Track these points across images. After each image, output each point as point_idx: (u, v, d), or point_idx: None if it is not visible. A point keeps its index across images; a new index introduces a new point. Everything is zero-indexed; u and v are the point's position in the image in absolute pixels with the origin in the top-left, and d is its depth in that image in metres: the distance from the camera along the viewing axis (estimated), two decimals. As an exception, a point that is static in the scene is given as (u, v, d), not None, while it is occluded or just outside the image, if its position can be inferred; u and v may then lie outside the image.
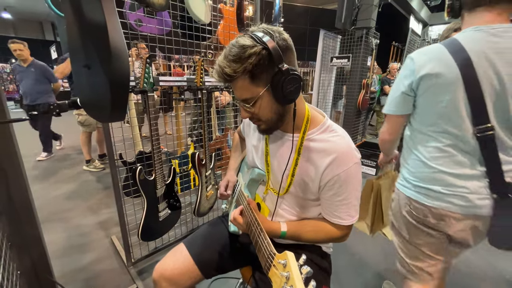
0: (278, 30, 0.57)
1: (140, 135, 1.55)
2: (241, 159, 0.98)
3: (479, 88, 0.64)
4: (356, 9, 3.14)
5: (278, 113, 0.61)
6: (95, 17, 0.38)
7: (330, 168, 0.62)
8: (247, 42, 0.54)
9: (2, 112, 0.68)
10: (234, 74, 0.54)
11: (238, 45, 0.54)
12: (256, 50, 0.53)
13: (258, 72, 0.55)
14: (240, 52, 0.53)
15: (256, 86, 0.57)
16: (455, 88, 0.66)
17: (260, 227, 0.59)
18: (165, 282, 0.74)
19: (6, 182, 0.73)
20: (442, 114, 0.70)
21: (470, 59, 0.64)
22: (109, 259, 1.50)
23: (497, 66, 0.63)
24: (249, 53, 0.53)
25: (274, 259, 0.49)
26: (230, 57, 0.54)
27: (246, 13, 1.68)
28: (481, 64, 0.64)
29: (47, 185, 2.51)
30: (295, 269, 0.42)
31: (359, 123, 4.02)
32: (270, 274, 0.50)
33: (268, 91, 0.57)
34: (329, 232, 0.67)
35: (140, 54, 2.67)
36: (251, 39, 0.54)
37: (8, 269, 0.66)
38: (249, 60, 0.53)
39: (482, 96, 0.65)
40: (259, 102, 0.59)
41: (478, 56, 0.64)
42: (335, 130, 0.65)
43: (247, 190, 0.79)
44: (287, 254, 0.45)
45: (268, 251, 0.52)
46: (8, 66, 9.71)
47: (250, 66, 0.53)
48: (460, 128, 0.68)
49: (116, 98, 0.41)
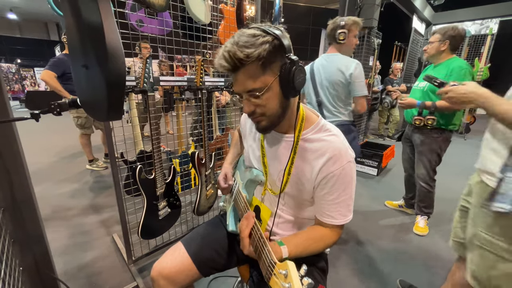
0: (282, 27, 0.58)
1: (142, 134, 1.56)
2: (239, 155, 0.99)
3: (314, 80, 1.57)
4: (358, 9, 3.13)
5: (282, 106, 0.60)
6: (92, 17, 0.39)
7: (325, 167, 0.62)
8: (257, 32, 0.54)
9: (5, 111, 0.70)
10: (246, 59, 0.53)
11: (247, 34, 0.54)
12: (268, 39, 0.53)
13: (270, 60, 0.54)
14: (252, 39, 0.53)
15: (266, 75, 0.56)
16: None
17: (260, 232, 0.58)
18: (163, 280, 0.75)
19: (9, 179, 0.75)
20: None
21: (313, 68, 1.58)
22: (110, 257, 1.52)
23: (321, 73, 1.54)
24: (262, 40, 0.53)
25: (275, 268, 0.49)
26: (241, 43, 0.53)
27: (246, 13, 1.69)
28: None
29: (50, 183, 2.55)
30: (296, 281, 0.41)
31: (361, 123, 4.00)
32: (271, 283, 0.49)
33: (276, 82, 0.57)
34: (326, 241, 0.66)
35: (142, 53, 2.70)
36: (260, 30, 0.55)
37: (11, 265, 0.68)
38: (263, 46, 0.53)
39: (316, 85, 1.57)
40: (267, 93, 0.57)
41: (316, 67, 1.57)
42: (330, 129, 0.66)
43: (245, 191, 0.80)
44: (288, 264, 0.45)
45: (269, 259, 0.51)
46: (13, 66, 9.83)
47: (264, 52, 0.53)
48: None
49: (113, 98, 0.42)
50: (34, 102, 4.90)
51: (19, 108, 8.13)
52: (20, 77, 10.01)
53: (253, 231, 0.61)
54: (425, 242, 1.74)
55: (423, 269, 1.49)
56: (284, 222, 0.76)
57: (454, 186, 2.57)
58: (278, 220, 0.76)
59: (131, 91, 1.14)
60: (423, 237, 1.79)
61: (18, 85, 9.96)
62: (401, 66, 4.34)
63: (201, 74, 1.37)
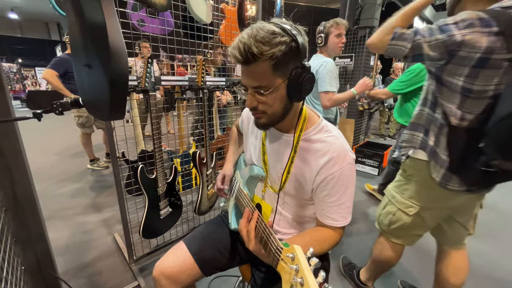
0: (303, 28, 0.57)
1: (143, 134, 1.56)
2: (238, 153, 0.99)
3: None
4: (359, 8, 3.12)
5: (285, 108, 0.60)
6: (95, 17, 0.39)
7: (324, 169, 0.62)
8: (277, 29, 0.53)
9: (7, 111, 0.70)
10: (260, 56, 0.52)
11: (266, 29, 0.52)
12: (286, 40, 0.52)
13: (283, 61, 0.53)
14: (270, 36, 0.52)
15: (275, 75, 0.55)
16: None
17: (265, 223, 0.58)
18: (165, 280, 0.75)
19: (11, 179, 0.75)
20: None
21: None
22: (112, 256, 1.53)
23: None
24: (279, 40, 0.52)
25: (282, 253, 0.49)
26: (259, 37, 0.52)
27: (248, 13, 1.69)
28: None
29: (52, 183, 2.55)
30: (303, 261, 0.42)
31: (362, 123, 3.99)
32: (279, 268, 0.50)
33: (284, 84, 0.56)
34: (330, 241, 0.65)
35: (142, 53, 2.69)
36: (280, 28, 0.53)
37: (13, 264, 0.68)
38: (279, 46, 0.52)
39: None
40: (273, 93, 0.57)
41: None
42: (330, 130, 0.66)
43: (246, 188, 0.80)
44: (295, 247, 0.45)
45: (275, 245, 0.51)
46: (14, 65, 9.85)
47: (279, 52, 0.52)
48: None
49: (116, 97, 0.41)
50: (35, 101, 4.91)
51: (20, 108, 8.16)
52: (21, 77, 10.03)
53: (258, 223, 0.61)
54: (426, 242, 1.73)
55: (423, 269, 1.48)
56: (284, 220, 0.76)
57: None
58: (278, 218, 0.76)
59: (133, 90, 1.15)
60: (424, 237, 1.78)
61: (19, 85, 9.98)
62: (402, 66, 4.33)
63: (202, 74, 1.37)
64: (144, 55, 2.72)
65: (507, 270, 1.49)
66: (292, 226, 0.76)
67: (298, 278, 0.40)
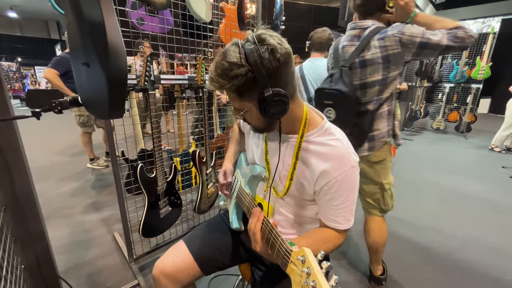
0: (275, 44, 0.53)
1: (143, 132, 1.56)
2: (238, 151, 0.98)
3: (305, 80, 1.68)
4: (360, 7, 3.10)
5: (266, 123, 0.64)
6: (93, 15, 0.38)
7: (326, 172, 0.61)
8: (235, 59, 0.53)
9: (6, 110, 0.70)
10: (223, 87, 0.56)
11: (227, 59, 0.53)
12: (242, 72, 0.53)
13: (244, 91, 0.56)
14: (227, 69, 0.53)
15: (244, 101, 0.59)
16: None
17: (271, 224, 0.58)
18: (165, 279, 0.75)
19: (10, 178, 0.75)
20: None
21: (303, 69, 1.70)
22: (112, 255, 1.53)
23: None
24: (235, 73, 0.53)
25: (291, 256, 0.49)
26: (219, 70, 0.55)
27: (247, 11, 1.68)
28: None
29: (51, 181, 2.55)
30: (315, 265, 0.41)
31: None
32: (288, 270, 0.49)
33: (255, 106, 0.57)
34: (335, 242, 0.65)
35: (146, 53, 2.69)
36: (239, 58, 0.53)
37: (12, 263, 0.68)
38: (234, 81, 0.54)
39: (306, 84, 1.68)
40: (247, 113, 0.61)
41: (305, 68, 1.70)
42: (333, 133, 0.65)
43: (247, 187, 0.80)
44: (305, 250, 0.45)
45: (284, 248, 0.51)
46: (14, 64, 9.83)
47: (234, 87, 0.55)
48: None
49: (114, 95, 0.41)
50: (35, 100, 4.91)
51: (19, 107, 8.15)
52: (20, 76, 10.01)
53: (264, 225, 0.60)
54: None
55: (423, 269, 1.49)
56: (285, 220, 0.76)
57: (451, 185, 2.56)
58: (280, 218, 0.76)
59: (132, 89, 1.14)
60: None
61: (18, 84, 9.96)
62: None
63: (202, 73, 1.36)
64: (145, 54, 2.71)
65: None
66: (292, 227, 0.76)
67: (310, 282, 0.40)
